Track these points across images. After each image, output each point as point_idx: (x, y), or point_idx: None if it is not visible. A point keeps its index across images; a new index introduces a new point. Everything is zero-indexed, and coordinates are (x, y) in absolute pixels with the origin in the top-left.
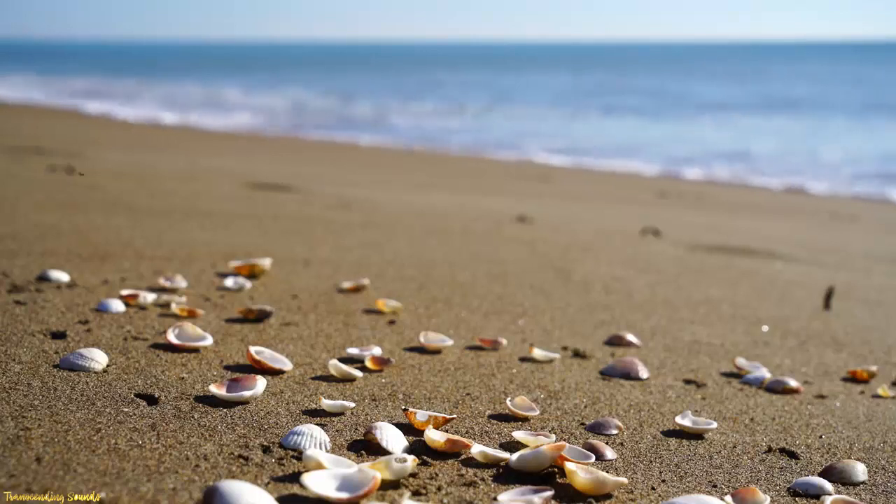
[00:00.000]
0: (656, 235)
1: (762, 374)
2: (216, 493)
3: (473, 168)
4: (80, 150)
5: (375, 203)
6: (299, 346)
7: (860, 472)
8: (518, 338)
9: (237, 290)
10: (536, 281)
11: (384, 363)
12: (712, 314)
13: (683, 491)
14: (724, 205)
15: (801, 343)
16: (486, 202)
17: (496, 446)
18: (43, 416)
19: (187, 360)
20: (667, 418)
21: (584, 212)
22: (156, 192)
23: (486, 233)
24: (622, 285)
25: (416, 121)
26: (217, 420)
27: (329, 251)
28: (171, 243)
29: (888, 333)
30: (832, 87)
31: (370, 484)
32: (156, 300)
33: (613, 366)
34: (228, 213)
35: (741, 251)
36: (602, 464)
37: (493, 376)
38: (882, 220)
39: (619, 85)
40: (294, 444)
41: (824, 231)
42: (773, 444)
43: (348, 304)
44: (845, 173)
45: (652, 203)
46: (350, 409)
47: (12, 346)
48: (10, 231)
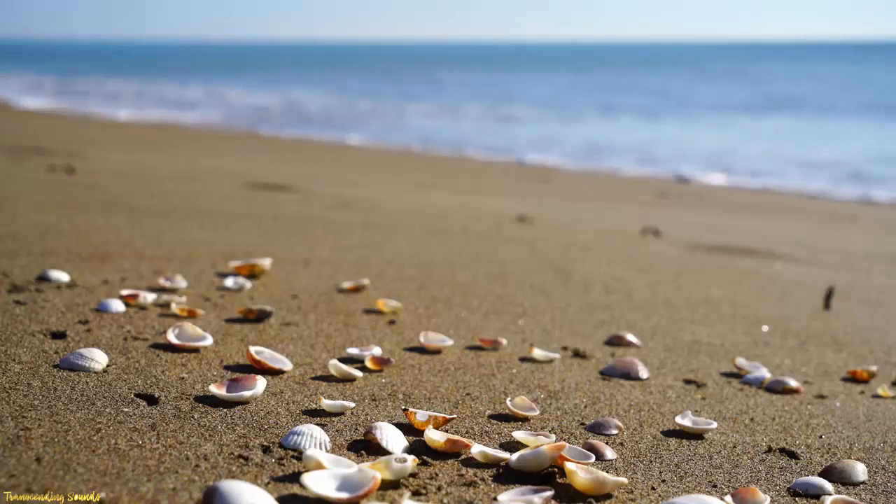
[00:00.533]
0: (656, 235)
1: (762, 374)
2: (216, 493)
3: (473, 168)
4: (80, 150)
5: (375, 203)
6: (299, 346)
7: (860, 472)
8: (518, 338)
9: (237, 290)
10: (536, 281)
11: (384, 363)
12: (712, 314)
13: (683, 491)
14: (724, 205)
15: (801, 343)
16: (486, 202)
17: (496, 446)
18: (43, 416)
19: (187, 360)
20: (667, 418)
21: (584, 212)
22: (156, 192)
23: (486, 233)
24: (622, 285)
25: (416, 121)
26: (217, 420)
27: (329, 251)
28: (171, 243)
29: (888, 333)
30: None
31: (370, 484)
32: (156, 300)
33: (613, 366)
34: (228, 213)
35: (741, 251)
36: (602, 464)
37: (493, 376)
38: (882, 220)
39: (620, 85)
40: (294, 444)
41: (824, 231)
42: (773, 444)
43: (348, 304)
44: (846, 173)
45: (652, 203)
46: (350, 409)
47: (12, 346)
48: (10, 231)
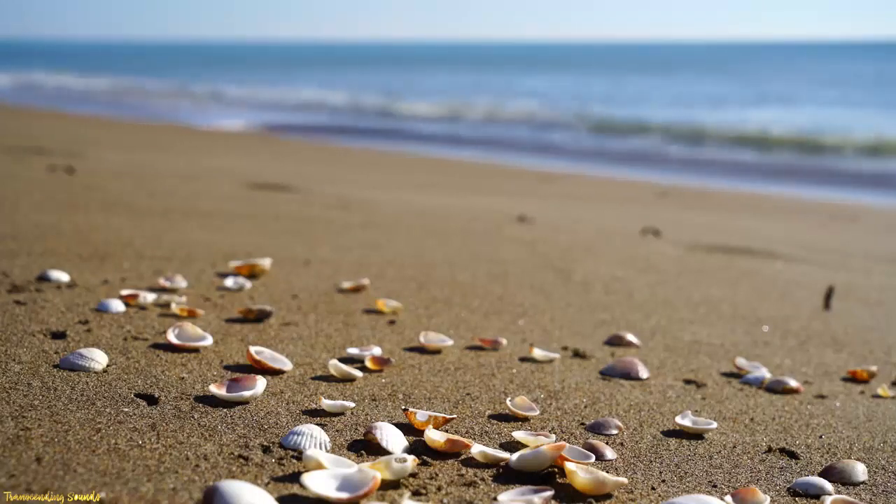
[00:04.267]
0: (656, 235)
1: (762, 374)
2: (216, 493)
3: (473, 168)
4: (80, 150)
5: (375, 203)
6: (299, 346)
7: (860, 472)
8: (518, 338)
9: (237, 290)
10: (536, 281)
11: (384, 363)
12: (712, 314)
13: (683, 491)
14: (724, 205)
15: (801, 343)
16: (486, 202)
17: (496, 446)
18: (43, 416)
19: (187, 360)
20: (667, 418)
21: (585, 212)
22: (156, 192)
23: (486, 233)
24: (622, 285)
25: (416, 120)
26: (217, 420)
27: (329, 251)
28: (171, 243)
29: (888, 333)
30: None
31: (370, 484)
32: (156, 300)
33: (613, 366)
34: (228, 213)
35: (741, 251)
36: (602, 464)
37: (493, 376)
38: (882, 220)
39: (621, 84)
40: (294, 444)
41: (824, 231)
42: (773, 444)
43: (348, 304)
44: (846, 173)
45: (652, 203)
46: (350, 409)
47: (12, 346)
48: (10, 231)
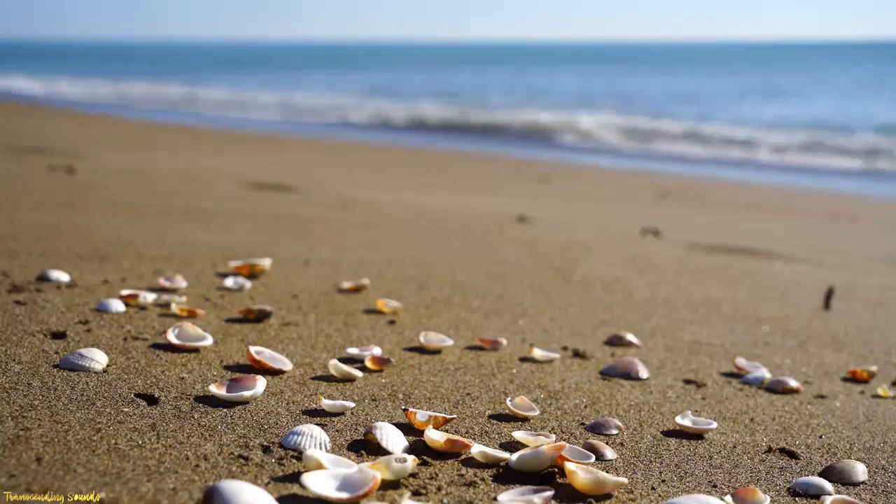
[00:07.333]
0: (656, 235)
1: (762, 374)
2: (216, 493)
3: (473, 168)
4: (80, 150)
5: (375, 203)
6: (299, 346)
7: (860, 472)
8: (518, 338)
9: (237, 290)
10: (536, 281)
11: (384, 363)
12: (712, 314)
13: (683, 491)
14: (724, 205)
15: (801, 343)
16: (486, 202)
17: (496, 446)
18: (43, 416)
19: (187, 360)
20: (667, 418)
21: (584, 212)
22: (156, 192)
23: (486, 233)
24: (622, 285)
25: (416, 121)
26: (217, 420)
27: (329, 251)
28: (171, 243)
29: (888, 333)
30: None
31: (370, 484)
32: (156, 300)
33: (613, 366)
34: (228, 213)
35: (741, 251)
36: (602, 464)
37: (493, 376)
38: (882, 220)
39: (622, 84)
40: (294, 444)
41: (824, 231)
42: (773, 444)
43: (348, 304)
44: (846, 173)
45: (652, 203)
46: (350, 409)
47: (12, 346)
48: (10, 231)
